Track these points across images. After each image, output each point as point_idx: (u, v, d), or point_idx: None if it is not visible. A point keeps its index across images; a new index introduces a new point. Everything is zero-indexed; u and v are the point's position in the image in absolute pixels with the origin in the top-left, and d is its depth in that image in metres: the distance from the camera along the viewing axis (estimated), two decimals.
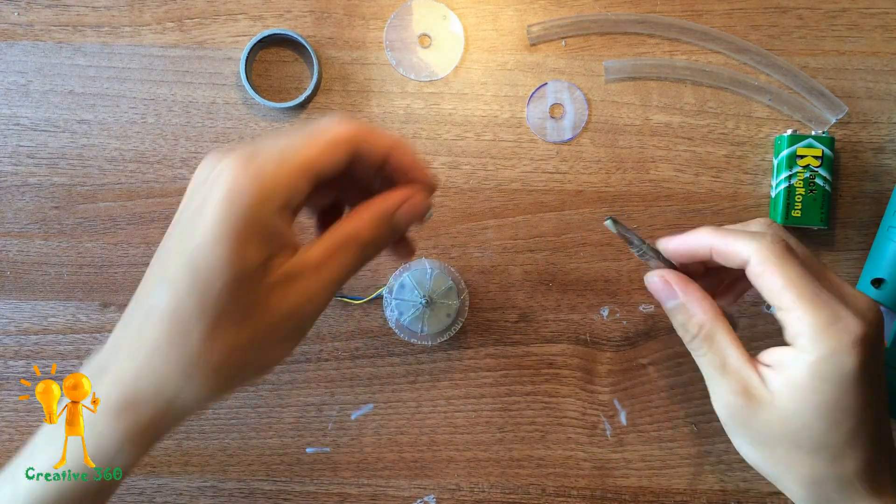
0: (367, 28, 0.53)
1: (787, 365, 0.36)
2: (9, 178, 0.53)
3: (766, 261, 0.37)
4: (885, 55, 0.53)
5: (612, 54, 0.53)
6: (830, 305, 0.36)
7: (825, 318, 0.36)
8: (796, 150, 0.50)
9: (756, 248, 0.37)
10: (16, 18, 0.53)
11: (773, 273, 0.37)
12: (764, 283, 0.37)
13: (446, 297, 0.49)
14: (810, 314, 0.36)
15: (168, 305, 0.32)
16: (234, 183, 0.32)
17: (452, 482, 0.52)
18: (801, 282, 0.36)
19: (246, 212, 0.32)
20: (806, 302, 0.36)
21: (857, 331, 0.35)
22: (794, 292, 0.36)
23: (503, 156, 0.53)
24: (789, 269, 0.36)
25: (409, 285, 0.49)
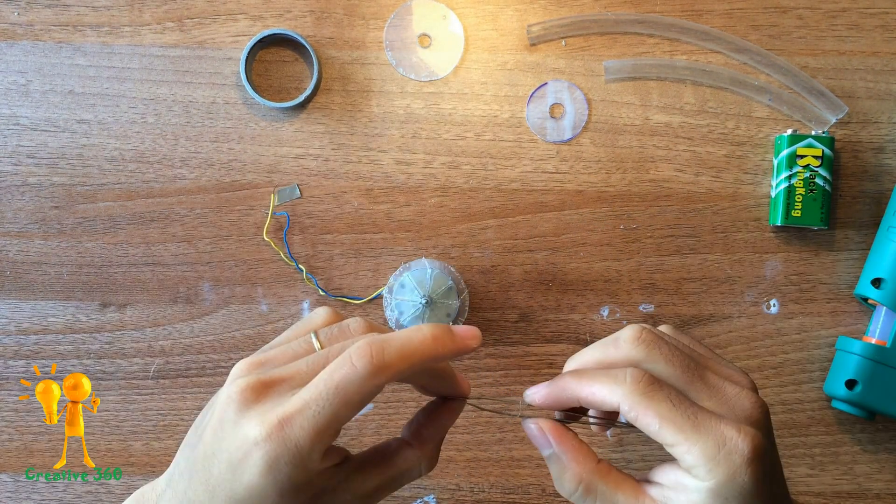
0: (367, 28, 0.53)
1: (690, 490, 0.36)
2: (9, 178, 0.53)
3: (635, 405, 0.36)
4: (885, 55, 0.53)
5: (612, 54, 0.53)
6: (712, 430, 0.35)
7: (711, 447, 0.35)
8: (796, 150, 0.50)
9: (622, 393, 0.36)
10: (16, 18, 0.53)
11: (645, 415, 0.36)
12: (642, 426, 0.36)
13: (446, 297, 0.49)
14: (696, 447, 0.35)
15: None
16: (270, 462, 0.34)
17: (452, 482, 0.52)
18: (675, 415, 0.36)
19: (286, 481, 0.34)
20: (687, 435, 0.35)
21: (745, 450, 0.35)
22: (672, 429, 0.36)
23: (503, 156, 0.53)
24: (660, 407, 0.36)
25: (409, 285, 0.49)
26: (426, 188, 0.53)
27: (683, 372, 0.37)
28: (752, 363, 0.52)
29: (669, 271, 0.53)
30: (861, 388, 0.49)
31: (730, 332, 0.53)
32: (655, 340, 0.38)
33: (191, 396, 0.52)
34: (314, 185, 0.53)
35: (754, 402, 0.37)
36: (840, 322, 0.52)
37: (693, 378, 0.37)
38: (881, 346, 0.49)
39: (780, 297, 0.53)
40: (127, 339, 0.52)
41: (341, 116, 0.53)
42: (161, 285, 0.53)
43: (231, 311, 0.53)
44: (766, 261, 0.53)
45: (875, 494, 0.52)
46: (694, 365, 0.38)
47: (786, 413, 0.52)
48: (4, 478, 0.52)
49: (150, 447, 0.52)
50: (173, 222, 0.53)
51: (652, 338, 0.38)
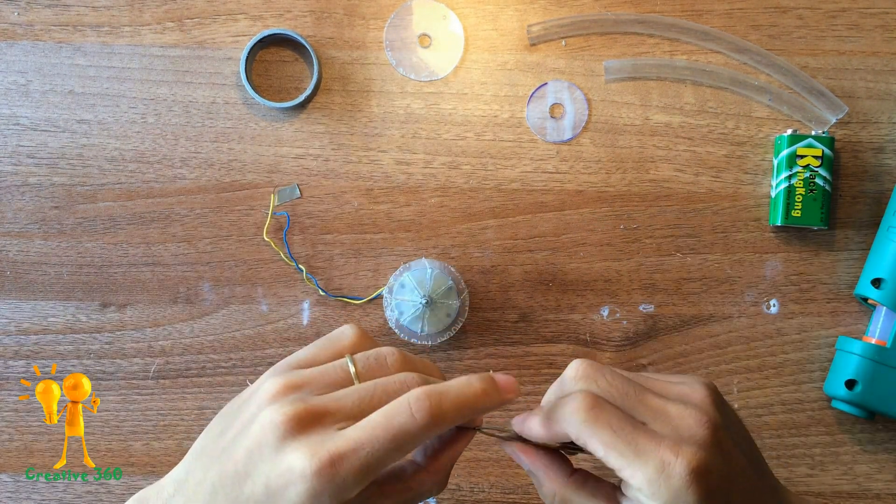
0: (367, 28, 0.53)
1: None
2: (9, 178, 0.53)
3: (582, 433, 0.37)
4: (885, 55, 0.53)
5: (612, 54, 0.53)
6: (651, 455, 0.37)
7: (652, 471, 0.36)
8: (796, 150, 0.50)
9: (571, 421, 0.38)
10: (16, 18, 0.53)
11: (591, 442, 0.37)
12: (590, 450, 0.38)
13: (446, 297, 0.49)
14: (638, 472, 0.36)
15: None
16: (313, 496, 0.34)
17: (452, 482, 0.52)
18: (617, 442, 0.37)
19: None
20: (629, 461, 0.37)
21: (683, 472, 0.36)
22: (615, 454, 0.37)
23: (503, 156, 0.53)
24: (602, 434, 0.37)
25: (410, 285, 0.49)
26: (426, 188, 0.53)
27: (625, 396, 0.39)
28: (752, 363, 0.52)
29: (669, 271, 0.53)
30: (861, 388, 0.49)
31: (730, 332, 0.53)
32: (595, 371, 0.39)
33: (191, 396, 0.52)
34: (314, 185, 0.53)
35: (698, 420, 0.38)
36: (840, 322, 0.52)
37: (635, 403, 0.39)
38: (881, 346, 0.49)
39: (780, 297, 0.53)
40: (127, 339, 0.52)
41: (341, 116, 0.53)
42: (161, 285, 0.53)
43: (231, 311, 0.53)
44: (766, 261, 0.53)
45: (875, 494, 0.52)
46: (633, 389, 0.39)
47: (786, 413, 0.52)
48: (4, 478, 0.52)
49: (150, 447, 0.52)
50: (173, 222, 0.53)
51: (591, 370, 0.40)
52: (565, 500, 0.41)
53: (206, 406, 0.52)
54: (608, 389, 0.39)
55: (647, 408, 0.39)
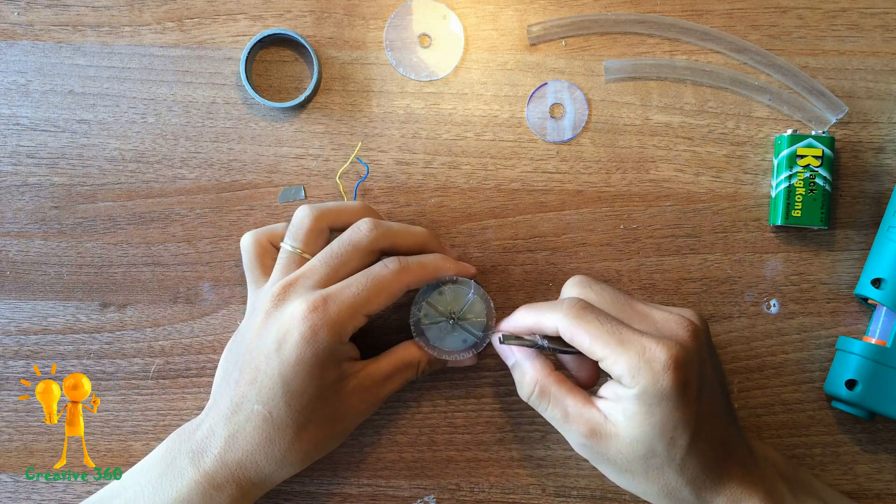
0: (367, 28, 0.53)
1: (622, 398, 0.41)
2: (9, 178, 0.53)
3: (569, 326, 0.42)
4: (885, 55, 0.53)
5: (612, 54, 0.53)
6: (634, 343, 0.41)
7: (633, 357, 0.40)
8: (796, 150, 0.50)
9: (559, 318, 0.42)
10: (16, 18, 0.53)
11: (578, 334, 0.42)
12: (576, 344, 0.42)
13: (473, 326, 0.48)
14: (621, 358, 0.40)
15: (266, 413, 0.43)
16: (312, 328, 0.42)
17: (452, 482, 0.52)
18: (602, 332, 0.41)
19: (324, 348, 0.43)
20: (613, 349, 0.41)
21: (662, 357, 0.40)
22: (600, 344, 0.41)
23: (503, 156, 0.53)
24: (589, 325, 0.41)
25: (448, 296, 0.48)
26: (426, 188, 0.53)
27: (613, 302, 0.43)
28: (752, 363, 0.52)
29: (669, 271, 0.53)
30: (861, 388, 0.49)
31: (730, 332, 0.53)
32: (588, 282, 0.45)
33: (191, 396, 0.52)
34: (314, 185, 0.53)
35: (681, 323, 0.43)
36: (840, 322, 0.52)
37: (623, 307, 0.43)
38: (881, 346, 0.49)
39: (780, 297, 0.53)
40: (127, 339, 0.52)
41: (341, 116, 0.53)
42: (161, 285, 0.53)
43: (231, 311, 0.53)
44: (766, 261, 0.53)
45: (875, 494, 0.52)
46: (624, 298, 0.44)
47: (786, 413, 0.52)
48: (4, 478, 0.52)
49: (150, 447, 0.52)
50: (173, 222, 0.53)
51: (586, 280, 0.45)
52: (544, 390, 0.44)
53: None
54: (598, 298, 0.44)
55: (634, 312, 0.43)
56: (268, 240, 0.49)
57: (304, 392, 0.43)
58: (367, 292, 0.44)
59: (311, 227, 0.47)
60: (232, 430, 0.44)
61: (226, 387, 0.45)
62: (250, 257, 0.48)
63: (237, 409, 0.44)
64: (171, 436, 0.47)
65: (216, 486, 0.43)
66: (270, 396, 0.43)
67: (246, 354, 0.44)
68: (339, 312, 0.43)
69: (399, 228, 0.47)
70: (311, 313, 0.42)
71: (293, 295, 0.44)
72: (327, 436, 0.46)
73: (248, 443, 0.43)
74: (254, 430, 0.43)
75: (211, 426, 0.44)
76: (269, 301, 0.44)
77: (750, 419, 0.52)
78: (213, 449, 0.44)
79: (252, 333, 0.45)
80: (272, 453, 0.44)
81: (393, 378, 0.47)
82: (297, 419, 0.43)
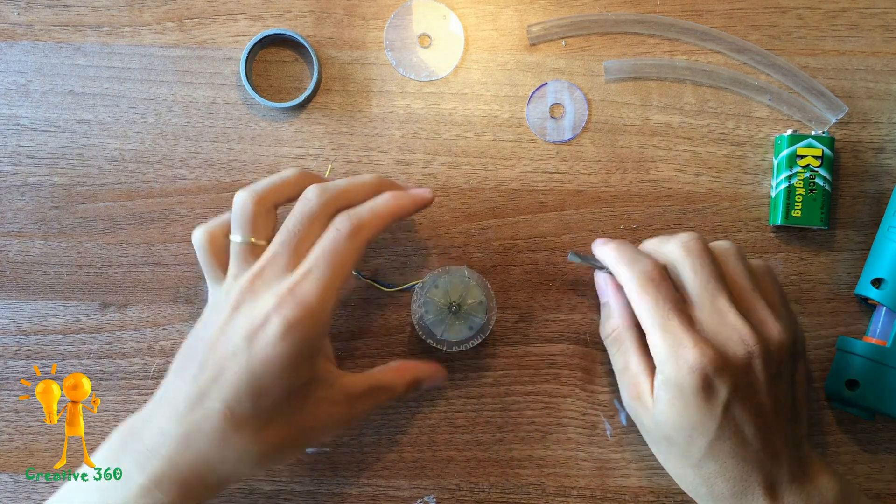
0: (367, 28, 0.53)
1: (658, 378, 0.43)
2: (9, 178, 0.53)
3: (631, 291, 0.44)
4: (885, 55, 0.53)
5: (612, 54, 0.53)
6: (676, 335, 0.42)
7: (669, 346, 0.42)
8: (796, 150, 0.50)
9: (628, 279, 0.44)
10: (16, 18, 0.53)
11: (635, 302, 0.44)
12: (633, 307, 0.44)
13: (474, 310, 0.48)
14: (658, 340, 0.42)
15: (226, 412, 0.40)
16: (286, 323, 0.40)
17: (452, 482, 0.52)
18: (654, 311, 0.43)
19: (300, 344, 0.40)
20: (655, 329, 0.42)
21: (692, 361, 0.41)
22: (648, 321, 0.43)
23: (503, 156, 0.53)
24: (646, 300, 0.43)
25: (444, 287, 0.48)
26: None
27: (700, 287, 0.43)
28: None
29: None
30: (862, 388, 0.49)
31: None
32: (697, 251, 0.44)
33: None
34: None
35: (741, 339, 0.42)
36: (840, 322, 0.52)
37: (703, 294, 0.43)
38: (881, 346, 0.49)
39: None
40: (127, 339, 0.52)
41: (341, 116, 0.53)
42: (161, 285, 0.53)
43: None
44: (766, 261, 0.53)
45: (875, 494, 0.52)
46: (714, 286, 0.43)
47: None
48: (4, 478, 0.52)
49: None
50: (173, 222, 0.53)
51: (696, 248, 0.44)
52: (619, 338, 0.46)
53: None
54: (692, 272, 0.44)
55: (711, 303, 0.43)
56: (221, 233, 0.45)
57: (271, 390, 0.40)
58: (331, 269, 0.41)
59: (256, 212, 0.44)
60: (185, 429, 0.40)
61: (181, 382, 0.42)
62: (205, 254, 0.45)
63: (194, 406, 0.40)
64: (113, 435, 0.43)
65: (162, 488, 0.40)
66: (234, 394, 0.40)
67: (208, 351, 0.41)
68: (309, 300, 0.40)
69: (347, 184, 0.45)
70: (282, 307, 0.40)
71: (262, 287, 0.41)
72: (287, 441, 0.43)
73: (203, 443, 0.40)
74: (210, 430, 0.40)
75: (160, 425, 0.41)
76: (237, 294, 0.42)
77: None
78: (163, 450, 0.40)
79: (216, 328, 0.41)
80: (226, 455, 0.41)
81: (365, 399, 0.45)
82: (260, 418, 0.41)
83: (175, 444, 0.40)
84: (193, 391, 0.41)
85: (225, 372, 0.40)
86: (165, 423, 0.41)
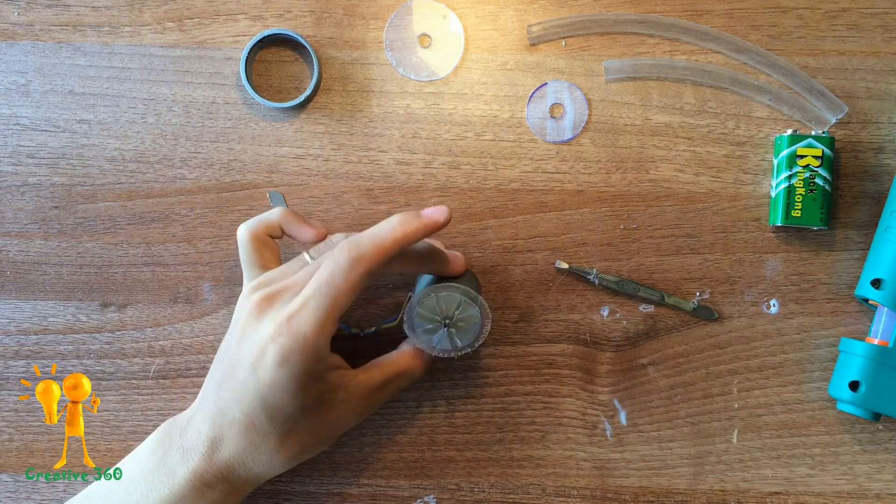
0: (367, 28, 0.53)
1: None
2: (9, 178, 0.53)
3: None
4: (885, 55, 0.53)
5: (612, 54, 0.53)
6: None
7: None
8: (796, 150, 0.50)
9: None
10: (16, 18, 0.53)
11: None
12: None
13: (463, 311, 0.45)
14: None
15: (248, 422, 0.43)
16: (282, 353, 0.41)
17: (452, 482, 0.52)
18: None
19: (299, 371, 0.41)
20: None
21: None
22: None
23: (503, 156, 0.53)
24: None
25: (427, 316, 0.45)
26: (426, 188, 0.53)
27: None
28: (752, 363, 0.52)
29: (669, 271, 0.53)
30: (865, 389, 0.49)
31: (730, 332, 0.52)
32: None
33: (191, 396, 0.52)
34: (314, 185, 0.53)
35: None
36: (840, 322, 0.52)
37: None
38: (883, 346, 0.49)
39: (780, 297, 0.53)
40: (127, 339, 0.52)
41: (341, 116, 0.53)
42: (161, 285, 0.53)
43: (231, 311, 0.52)
44: (766, 261, 0.53)
45: (875, 494, 0.52)
46: None
47: (786, 413, 0.52)
48: (4, 478, 0.52)
49: None
50: (173, 222, 0.53)
51: None
52: None
53: None
54: None
55: None
56: (265, 232, 0.47)
57: (284, 409, 0.43)
58: (327, 301, 0.41)
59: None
60: (217, 433, 0.43)
61: (213, 387, 0.45)
62: (247, 252, 0.47)
63: (221, 413, 0.43)
64: (162, 428, 0.46)
65: (207, 483, 0.43)
66: (251, 409, 0.43)
67: (228, 364, 0.44)
68: (305, 332, 0.41)
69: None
70: (278, 337, 0.41)
71: (267, 313, 0.43)
72: (315, 441, 0.46)
73: (234, 446, 0.43)
74: (237, 435, 0.43)
75: (198, 426, 0.44)
76: (246, 314, 0.43)
77: (750, 419, 0.52)
78: (201, 448, 0.43)
79: (233, 344, 0.44)
80: (258, 456, 0.44)
81: (385, 388, 0.47)
82: (280, 429, 0.43)
83: (210, 445, 0.43)
84: (220, 400, 0.44)
85: (241, 389, 0.43)
86: (202, 424, 0.44)
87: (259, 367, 0.42)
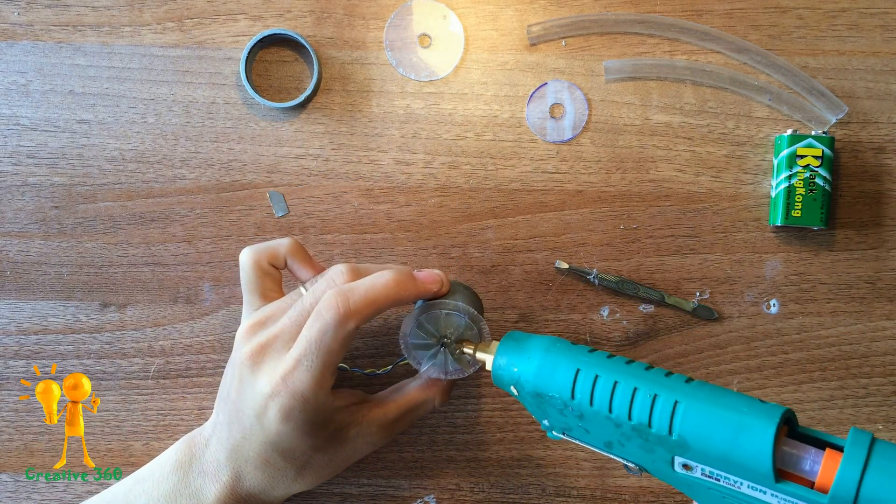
0: (367, 28, 0.53)
1: None
2: (9, 178, 0.53)
3: None
4: (885, 55, 0.53)
5: (612, 54, 0.53)
6: None
7: None
8: (796, 150, 0.50)
9: None
10: (16, 18, 0.53)
11: None
12: None
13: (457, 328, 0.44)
14: None
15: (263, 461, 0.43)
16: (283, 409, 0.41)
17: (452, 482, 0.52)
18: None
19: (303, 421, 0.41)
20: None
21: None
22: None
23: (503, 156, 0.53)
24: None
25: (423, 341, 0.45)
26: (426, 188, 0.53)
27: None
28: (752, 363, 0.52)
29: (669, 271, 0.53)
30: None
31: (730, 332, 0.53)
32: None
33: (191, 396, 0.52)
34: (314, 185, 0.53)
35: None
36: (840, 322, 0.52)
37: None
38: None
39: (780, 297, 0.53)
40: (127, 339, 0.52)
41: (341, 116, 0.53)
42: (161, 285, 0.53)
43: (231, 311, 0.53)
44: (766, 261, 0.53)
45: None
46: None
47: None
48: (4, 478, 0.52)
49: (150, 447, 0.52)
50: (173, 222, 0.53)
51: None
52: None
53: (206, 406, 0.52)
54: None
55: None
56: (268, 261, 0.46)
57: (296, 451, 0.43)
58: (321, 358, 0.40)
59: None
60: (235, 467, 0.44)
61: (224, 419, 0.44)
62: (249, 279, 0.46)
63: (236, 449, 0.43)
64: (180, 446, 0.46)
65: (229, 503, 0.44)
66: (263, 451, 0.43)
67: (233, 406, 0.43)
68: (302, 391, 0.41)
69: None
70: (276, 396, 0.41)
71: (261, 367, 0.42)
72: (333, 470, 0.46)
73: (254, 479, 0.44)
74: (255, 470, 0.44)
75: (216, 455, 0.44)
76: (240, 363, 0.42)
77: None
78: (224, 477, 0.44)
79: (234, 389, 0.43)
80: (277, 485, 0.44)
81: (401, 420, 0.46)
82: (296, 464, 0.44)
83: (232, 476, 0.44)
84: (231, 438, 0.43)
85: (250, 438, 0.43)
86: (219, 453, 0.44)
87: (264, 420, 0.42)
